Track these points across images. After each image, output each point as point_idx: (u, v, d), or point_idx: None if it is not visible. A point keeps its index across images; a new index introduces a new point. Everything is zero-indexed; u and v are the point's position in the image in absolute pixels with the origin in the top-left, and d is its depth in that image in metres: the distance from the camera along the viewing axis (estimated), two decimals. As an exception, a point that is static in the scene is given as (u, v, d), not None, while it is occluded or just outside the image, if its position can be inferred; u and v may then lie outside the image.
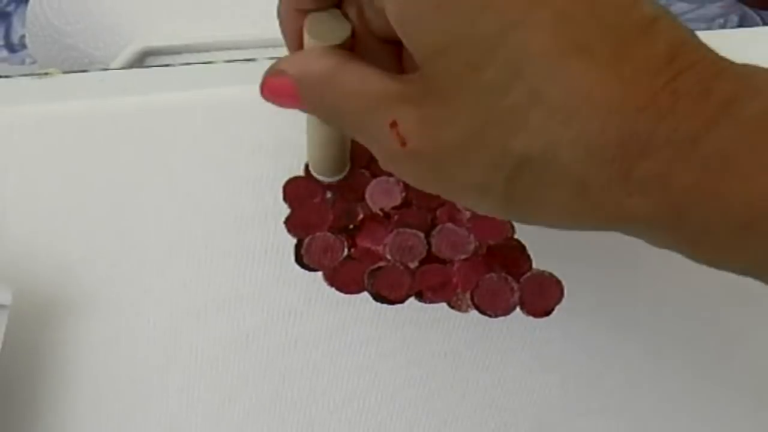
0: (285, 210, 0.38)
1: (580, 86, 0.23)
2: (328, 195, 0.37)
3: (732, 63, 0.23)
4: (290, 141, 0.40)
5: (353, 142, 0.36)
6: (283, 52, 0.31)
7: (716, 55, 0.24)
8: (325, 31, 0.29)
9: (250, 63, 0.43)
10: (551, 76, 0.23)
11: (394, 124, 0.26)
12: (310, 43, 0.29)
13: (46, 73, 0.42)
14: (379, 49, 0.29)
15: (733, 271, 0.24)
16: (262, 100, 0.29)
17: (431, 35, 0.24)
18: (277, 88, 0.29)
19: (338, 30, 0.29)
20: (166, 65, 0.45)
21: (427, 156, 0.26)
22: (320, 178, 0.37)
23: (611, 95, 0.23)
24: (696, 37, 0.24)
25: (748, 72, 0.23)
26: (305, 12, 0.29)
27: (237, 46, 0.48)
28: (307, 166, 0.39)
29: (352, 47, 0.29)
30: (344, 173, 0.38)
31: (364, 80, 0.27)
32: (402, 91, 0.26)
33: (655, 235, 0.25)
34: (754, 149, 0.22)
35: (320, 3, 0.29)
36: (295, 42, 0.30)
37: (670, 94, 0.22)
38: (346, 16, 0.29)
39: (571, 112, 0.23)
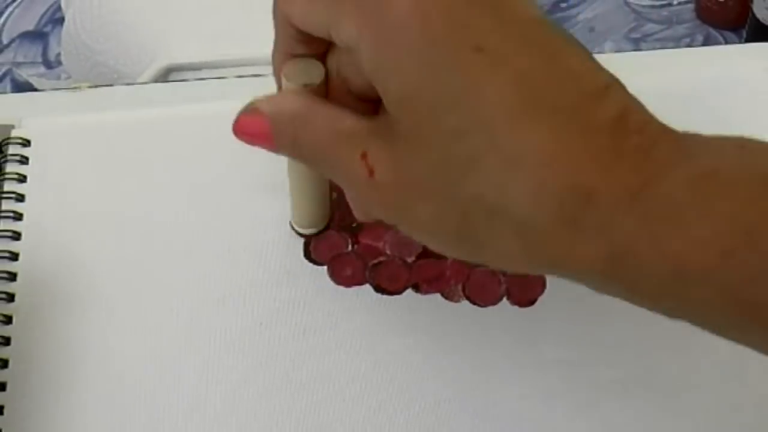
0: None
1: (532, 140, 0.23)
2: (334, 195, 0.38)
3: (673, 130, 0.24)
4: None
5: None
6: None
7: (659, 122, 0.24)
8: (300, 74, 0.29)
9: (261, 78, 0.43)
10: (507, 129, 0.23)
11: (364, 155, 0.26)
12: (286, 85, 0.29)
13: (79, 87, 0.43)
14: (354, 105, 0.28)
15: (669, 315, 0.24)
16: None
17: (400, 83, 0.25)
18: (251, 126, 0.28)
19: (313, 74, 0.29)
20: (188, 80, 0.45)
21: (390, 188, 0.26)
22: (300, 231, 0.37)
23: (559, 149, 0.23)
24: (642, 106, 0.25)
25: (687, 139, 0.24)
26: (294, 56, 0.29)
27: (251, 63, 0.48)
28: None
29: (326, 94, 0.29)
30: (322, 227, 0.37)
31: (337, 117, 0.27)
32: (372, 127, 0.26)
33: (596, 280, 0.25)
34: (685, 207, 0.22)
35: (308, 49, 0.29)
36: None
37: (615, 153, 0.23)
38: (326, 67, 0.29)
39: (521, 161, 0.23)
